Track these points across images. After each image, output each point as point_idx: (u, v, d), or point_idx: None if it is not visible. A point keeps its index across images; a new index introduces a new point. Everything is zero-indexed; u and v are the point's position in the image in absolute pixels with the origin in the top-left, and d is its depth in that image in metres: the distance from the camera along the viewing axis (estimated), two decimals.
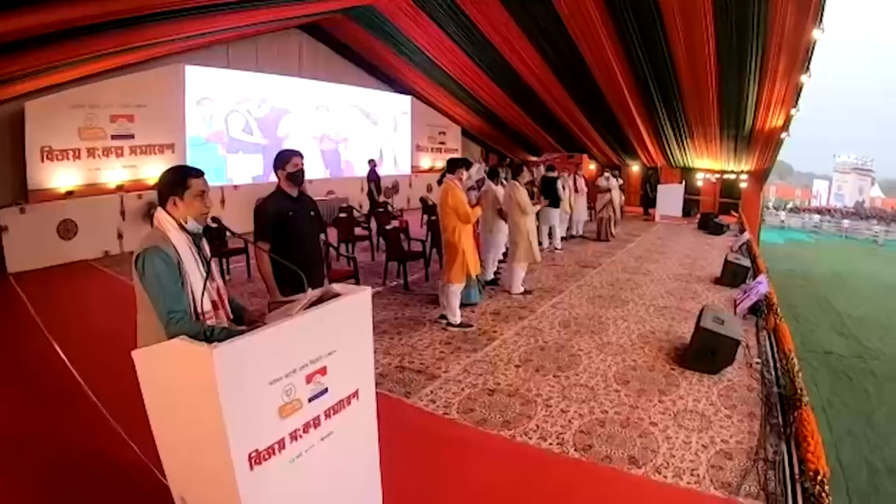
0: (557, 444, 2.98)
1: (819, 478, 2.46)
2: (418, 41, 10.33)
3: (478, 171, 7.99)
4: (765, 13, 7.21)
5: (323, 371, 1.69)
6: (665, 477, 2.72)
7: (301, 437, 1.63)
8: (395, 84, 13.36)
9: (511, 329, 4.81)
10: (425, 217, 8.37)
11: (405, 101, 13.83)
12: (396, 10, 9.08)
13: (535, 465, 2.80)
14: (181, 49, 8.49)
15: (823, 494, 2.37)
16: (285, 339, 1.57)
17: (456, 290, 4.72)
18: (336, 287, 1.91)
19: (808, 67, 8.24)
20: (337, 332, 1.77)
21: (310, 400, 1.65)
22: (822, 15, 6.87)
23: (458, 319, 4.74)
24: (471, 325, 4.77)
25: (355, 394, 1.87)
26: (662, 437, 3.10)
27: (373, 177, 10.79)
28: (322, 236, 3.72)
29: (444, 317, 4.82)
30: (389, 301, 5.66)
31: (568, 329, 4.90)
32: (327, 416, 1.73)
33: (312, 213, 3.08)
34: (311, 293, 1.78)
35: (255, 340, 1.47)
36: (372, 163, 10.97)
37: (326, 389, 1.71)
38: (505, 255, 6.42)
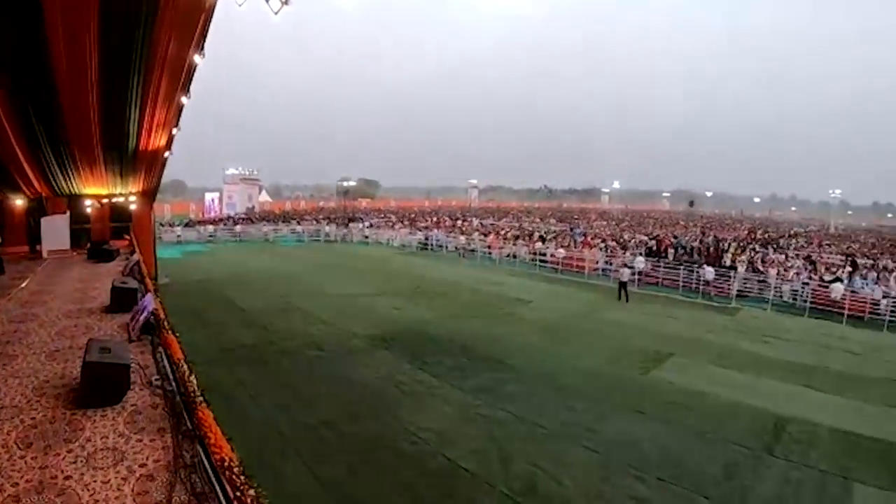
0: None
1: (226, 464, 2.72)
2: None
3: None
4: (149, 38, 7.23)
5: None
6: None
7: None
8: None
9: None
10: None
11: None
12: None
13: None
14: None
15: (234, 477, 2.65)
16: None
17: None
18: None
19: (188, 89, 8.67)
20: None
21: None
22: (204, 42, 7.39)
23: None
24: None
25: None
26: (81, 486, 3.06)
27: None
28: None
29: None
30: None
31: None
32: None
33: None
34: None
35: None
36: None
37: None
38: None
